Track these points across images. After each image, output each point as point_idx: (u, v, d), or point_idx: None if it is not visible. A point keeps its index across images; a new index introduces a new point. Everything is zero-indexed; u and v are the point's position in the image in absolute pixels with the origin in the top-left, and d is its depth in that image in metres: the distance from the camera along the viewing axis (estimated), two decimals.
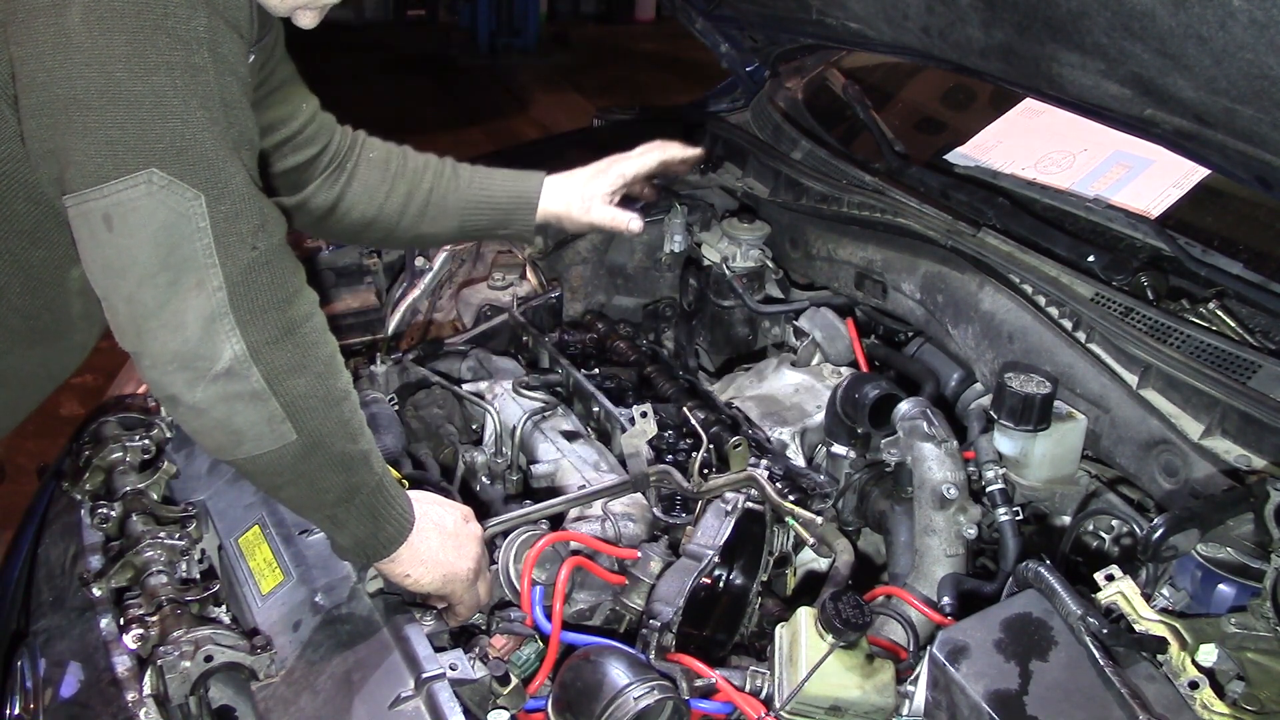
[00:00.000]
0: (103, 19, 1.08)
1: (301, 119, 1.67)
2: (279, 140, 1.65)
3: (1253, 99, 1.30)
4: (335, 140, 1.75)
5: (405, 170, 1.80)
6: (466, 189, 1.83)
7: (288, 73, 1.64)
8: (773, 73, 2.57)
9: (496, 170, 1.88)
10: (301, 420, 1.21)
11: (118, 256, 1.13)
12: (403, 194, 1.79)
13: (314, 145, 1.70)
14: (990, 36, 1.66)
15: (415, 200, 1.80)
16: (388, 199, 1.79)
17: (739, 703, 1.29)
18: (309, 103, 1.69)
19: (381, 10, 10.36)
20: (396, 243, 2.05)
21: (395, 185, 1.79)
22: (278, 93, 1.61)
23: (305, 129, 1.68)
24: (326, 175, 1.75)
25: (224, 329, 1.15)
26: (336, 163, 1.76)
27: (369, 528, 1.32)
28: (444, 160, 1.85)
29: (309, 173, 1.73)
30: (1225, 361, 1.52)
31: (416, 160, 1.83)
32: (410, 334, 2.27)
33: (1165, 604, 1.38)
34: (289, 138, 1.66)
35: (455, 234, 1.90)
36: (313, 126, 1.69)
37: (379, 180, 1.79)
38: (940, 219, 1.92)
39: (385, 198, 1.79)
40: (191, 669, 1.29)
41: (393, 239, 1.91)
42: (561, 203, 1.86)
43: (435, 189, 1.81)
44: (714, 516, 1.55)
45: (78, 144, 1.11)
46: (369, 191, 1.78)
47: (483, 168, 1.88)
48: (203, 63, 1.13)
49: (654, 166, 1.93)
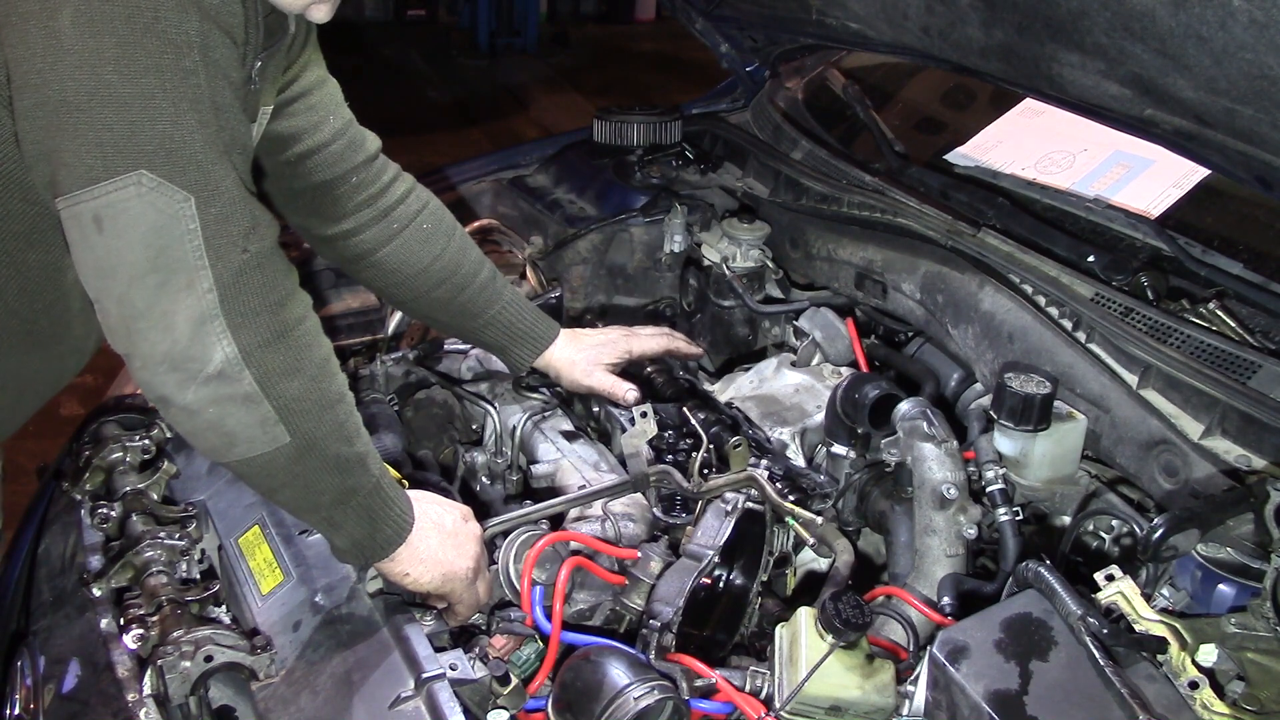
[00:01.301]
0: (93, 22, 1.08)
1: (328, 131, 1.63)
2: (303, 151, 1.62)
3: (1253, 99, 1.30)
4: (386, 180, 1.71)
5: (450, 260, 1.77)
6: (494, 305, 1.82)
7: (315, 80, 1.61)
8: (773, 73, 2.57)
9: (525, 300, 1.89)
10: (295, 423, 1.21)
11: (108, 257, 1.14)
12: (437, 280, 1.76)
13: (346, 163, 1.66)
14: (990, 36, 1.66)
15: (445, 290, 1.78)
16: (421, 277, 1.76)
17: (739, 703, 1.29)
18: (338, 117, 1.65)
19: (381, 10, 10.36)
20: (405, 312, 2.05)
21: (435, 269, 1.76)
22: (302, 100, 1.59)
23: (333, 143, 1.64)
24: (373, 218, 1.71)
25: (215, 331, 1.15)
26: (385, 210, 1.71)
27: (366, 530, 1.32)
28: (487, 265, 1.83)
29: (344, 200, 1.68)
30: (1225, 361, 1.52)
31: (467, 253, 1.80)
32: (410, 334, 2.27)
33: (1165, 604, 1.38)
34: (314, 149, 1.62)
35: (460, 334, 1.91)
36: (342, 141, 1.65)
37: (423, 256, 1.75)
38: (940, 219, 1.91)
39: (420, 275, 1.76)
40: (191, 669, 1.29)
41: (404, 309, 1.94)
42: (565, 360, 1.87)
43: (468, 291, 1.79)
44: (714, 516, 1.55)
45: (68, 146, 1.11)
46: (408, 261, 1.74)
47: (515, 290, 1.87)
48: (193, 66, 1.13)
49: (657, 352, 1.98)
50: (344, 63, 1.77)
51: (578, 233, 2.35)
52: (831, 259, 2.14)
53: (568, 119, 6.87)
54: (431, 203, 1.78)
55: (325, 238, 1.73)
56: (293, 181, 1.65)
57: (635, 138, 2.50)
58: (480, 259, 1.82)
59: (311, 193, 1.67)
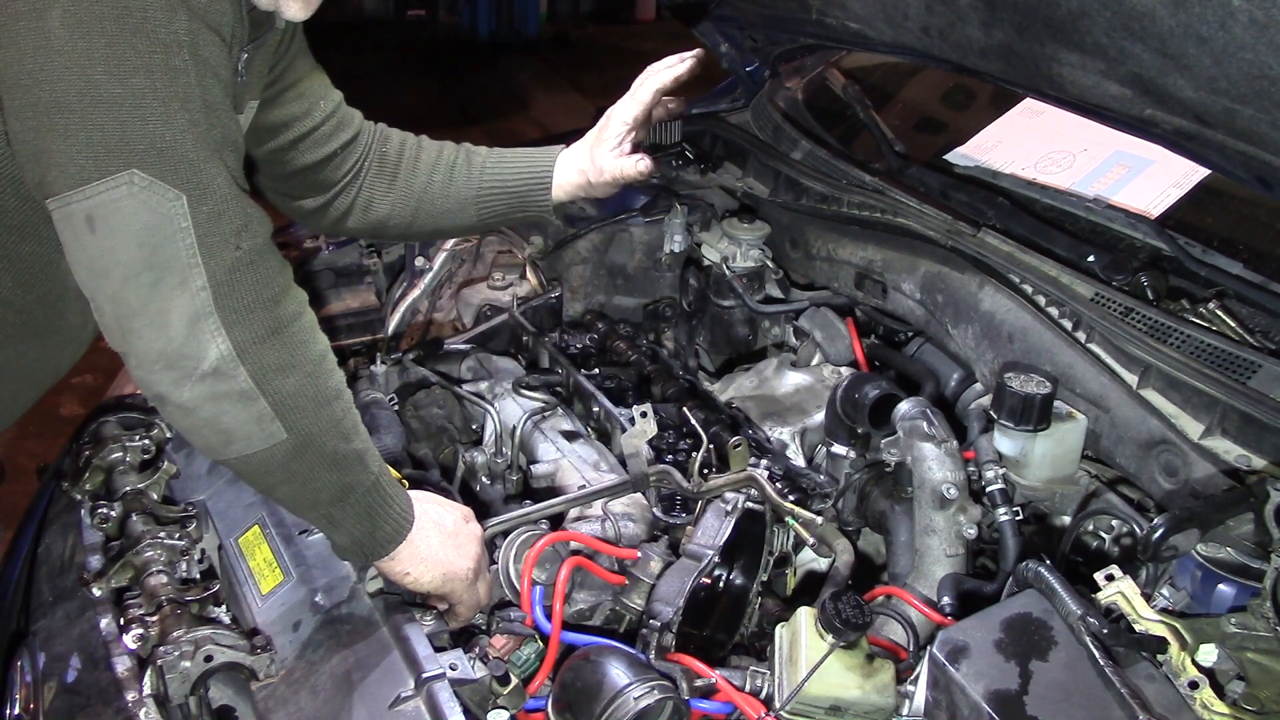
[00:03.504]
0: (82, 22, 1.08)
1: (319, 115, 1.65)
2: (296, 136, 1.63)
3: (1253, 99, 1.30)
4: (363, 140, 1.73)
5: (418, 164, 1.77)
6: (479, 176, 1.78)
7: (304, 69, 1.63)
8: (773, 73, 2.57)
9: (510, 151, 1.81)
10: (291, 419, 1.21)
11: (101, 257, 1.14)
12: (417, 188, 1.76)
13: (334, 141, 1.68)
14: (990, 36, 1.66)
15: (430, 194, 1.77)
16: (404, 195, 1.76)
17: (739, 703, 1.29)
18: (328, 99, 1.67)
19: (381, 10, 10.37)
20: (417, 236, 2.01)
21: (409, 180, 1.76)
22: (292, 89, 1.61)
23: (324, 124, 1.66)
24: (351, 178, 1.72)
25: (209, 328, 1.15)
26: (361, 167, 1.73)
27: (365, 527, 1.32)
28: (458, 148, 1.80)
29: (333, 172, 1.70)
30: (1225, 361, 1.52)
31: (430, 151, 1.78)
32: (410, 334, 2.27)
33: (1165, 604, 1.38)
34: (306, 133, 1.64)
35: (475, 224, 1.83)
36: (331, 122, 1.67)
37: (392, 175, 1.76)
38: (940, 219, 1.92)
39: (401, 193, 1.76)
40: (191, 669, 1.29)
41: (412, 234, 1.87)
42: (575, 173, 1.78)
43: (450, 180, 1.77)
44: (714, 516, 1.55)
45: (59, 146, 1.11)
46: (384, 187, 1.75)
47: (499, 150, 1.81)
48: (183, 65, 1.14)
49: (650, 98, 1.77)
50: (344, 62, 1.77)
51: (578, 233, 2.35)
52: (831, 259, 2.14)
53: (568, 119, 6.87)
54: (379, 125, 1.77)
55: (312, 209, 1.73)
56: (285, 165, 1.66)
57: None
58: (441, 146, 1.79)
59: (303, 173, 1.68)
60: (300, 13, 1.31)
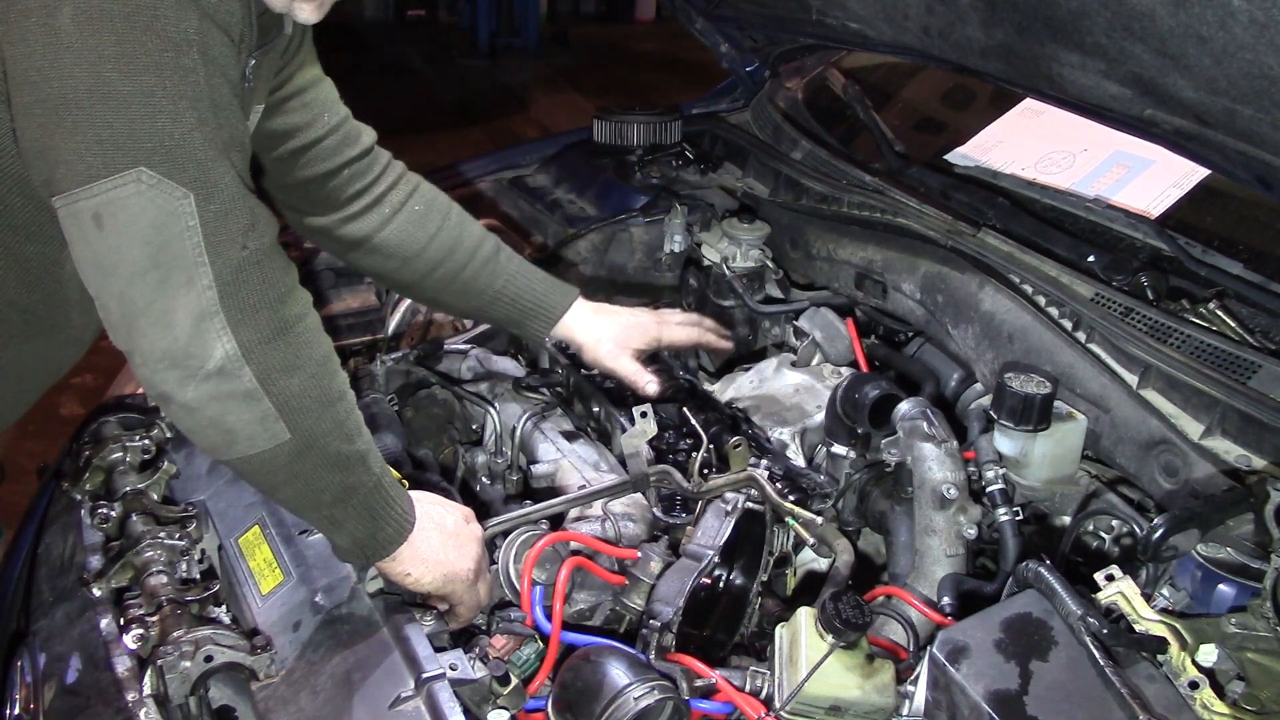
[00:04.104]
0: (92, 19, 1.08)
1: (321, 128, 1.64)
2: (297, 146, 1.63)
3: (1253, 99, 1.30)
4: (377, 170, 1.72)
5: (447, 239, 1.77)
6: (499, 279, 1.81)
7: (310, 79, 1.62)
8: (773, 73, 2.57)
9: (535, 270, 1.86)
10: (295, 420, 1.21)
11: (108, 255, 1.14)
12: (435, 260, 1.76)
13: (339, 156, 1.67)
14: (990, 36, 1.66)
15: (445, 270, 1.78)
16: (419, 258, 1.76)
17: (739, 703, 1.29)
18: (333, 114, 1.67)
19: (381, 10, 10.38)
20: (411, 296, 2.03)
21: (432, 249, 1.76)
22: (297, 98, 1.60)
23: (326, 139, 1.65)
24: (366, 206, 1.72)
25: (214, 328, 1.15)
26: (378, 196, 1.73)
27: (367, 528, 1.32)
28: (489, 240, 1.82)
29: (338, 191, 1.69)
30: (1225, 361, 1.52)
31: (465, 230, 1.80)
32: (410, 334, 2.27)
33: (1165, 604, 1.38)
34: (309, 145, 1.64)
35: (466, 313, 1.89)
36: (336, 136, 1.67)
37: (418, 237, 1.75)
38: (940, 219, 1.92)
39: (417, 257, 1.76)
40: (191, 669, 1.29)
41: (409, 293, 1.91)
42: (591, 336, 1.86)
43: (469, 268, 1.79)
44: (714, 516, 1.55)
45: (67, 143, 1.11)
46: (404, 244, 1.75)
47: (523, 262, 1.85)
48: (192, 64, 1.14)
49: (686, 343, 1.95)
50: (344, 63, 1.77)
51: (578, 233, 2.35)
52: (831, 259, 2.14)
53: (568, 119, 6.87)
54: (423, 185, 1.79)
55: (319, 228, 1.74)
56: (287, 176, 1.66)
57: (635, 138, 2.51)
58: (481, 235, 1.81)
59: (306, 185, 1.68)
60: (312, 15, 1.31)
